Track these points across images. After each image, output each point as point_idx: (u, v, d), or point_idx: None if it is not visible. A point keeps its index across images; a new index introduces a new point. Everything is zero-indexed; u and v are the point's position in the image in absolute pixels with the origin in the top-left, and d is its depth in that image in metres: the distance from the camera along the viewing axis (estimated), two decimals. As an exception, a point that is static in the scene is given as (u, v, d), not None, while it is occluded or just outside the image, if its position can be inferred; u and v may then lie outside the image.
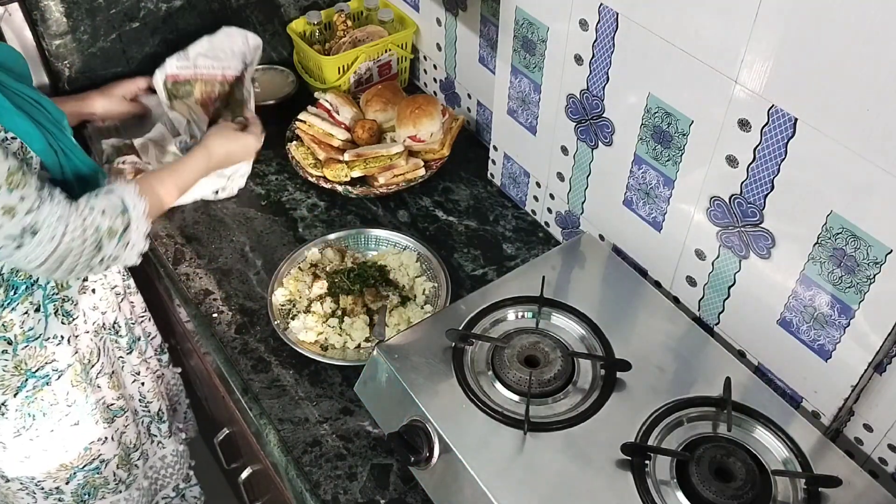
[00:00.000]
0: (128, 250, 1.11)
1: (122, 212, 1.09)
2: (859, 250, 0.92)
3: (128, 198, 1.11)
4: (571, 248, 1.32)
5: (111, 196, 1.10)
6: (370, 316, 1.28)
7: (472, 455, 1.00)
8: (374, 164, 1.49)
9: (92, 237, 1.05)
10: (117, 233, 1.08)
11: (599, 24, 1.12)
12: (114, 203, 1.09)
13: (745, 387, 1.08)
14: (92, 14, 1.53)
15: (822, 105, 0.89)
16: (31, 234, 1.00)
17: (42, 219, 1.00)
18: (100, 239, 1.06)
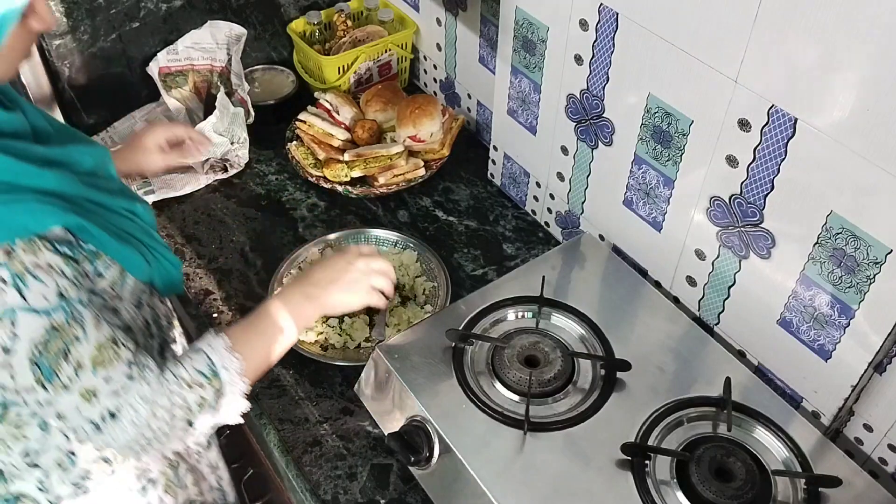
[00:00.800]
0: (223, 415, 0.96)
1: (212, 376, 0.94)
2: (859, 250, 0.92)
3: (216, 356, 0.95)
4: (571, 248, 1.32)
5: (197, 359, 0.94)
6: (370, 316, 1.28)
7: (472, 455, 1.00)
8: (374, 164, 1.49)
9: (181, 416, 0.91)
10: (208, 403, 0.93)
11: (599, 24, 1.12)
12: (200, 368, 0.94)
13: (745, 387, 1.08)
14: (92, 14, 1.53)
15: (822, 105, 0.89)
16: (112, 419, 0.87)
17: (125, 400, 0.87)
18: (189, 417, 0.92)
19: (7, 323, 0.79)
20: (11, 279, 0.78)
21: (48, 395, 0.85)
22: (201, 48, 1.65)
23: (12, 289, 0.79)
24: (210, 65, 1.67)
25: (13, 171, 0.81)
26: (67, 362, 0.84)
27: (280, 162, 1.61)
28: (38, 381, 0.83)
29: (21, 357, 0.81)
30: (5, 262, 0.78)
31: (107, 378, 0.87)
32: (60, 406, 0.86)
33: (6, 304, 0.79)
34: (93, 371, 0.86)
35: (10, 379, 0.83)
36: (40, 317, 0.81)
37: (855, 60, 0.83)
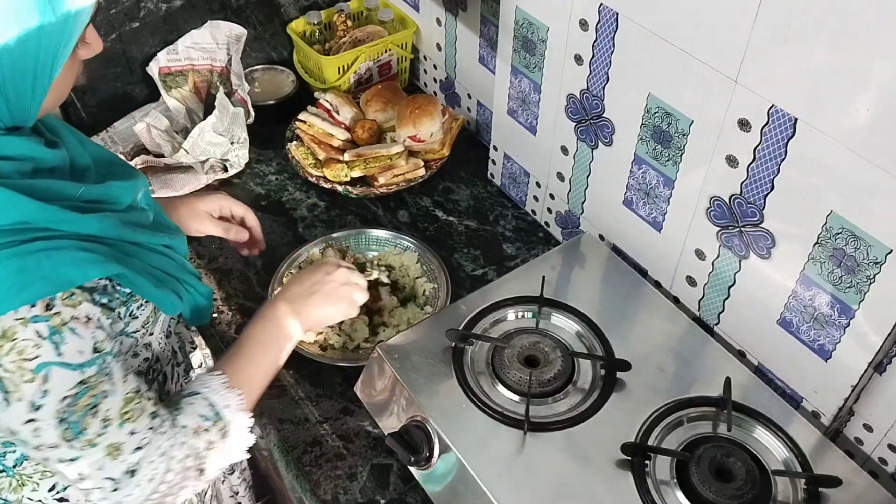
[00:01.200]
0: (232, 454, 0.95)
1: (215, 419, 0.93)
2: (859, 250, 0.92)
3: (216, 398, 0.94)
4: (571, 248, 1.32)
5: (197, 404, 0.93)
6: (370, 317, 1.28)
7: (472, 455, 1.00)
8: (374, 164, 1.49)
9: (193, 465, 0.90)
10: (215, 446, 0.92)
11: (599, 24, 1.12)
12: (202, 413, 0.92)
13: (745, 387, 1.08)
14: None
15: (822, 105, 0.89)
16: (131, 475, 0.85)
17: (146, 455, 0.86)
18: (200, 465, 0.91)
19: (39, 379, 0.77)
20: (49, 334, 0.76)
21: (74, 452, 0.81)
22: (201, 48, 1.65)
23: (49, 343, 0.76)
24: (210, 65, 1.67)
25: (56, 218, 0.79)
26: (95, 418, 0.82)
27: (280, 162, 1.61)
28: (66, 438, 0.80)
29: (48, 413, 0.78)
30: (46, 315, 0.76)
31: (132, 432, 0.85)
32: (83, 464, 0.83)
33: (40, 359, 0.76)
34: (119, 425, 0.84)
35: (35, 436, 0.80)
36: (73, 371, 0.79)
37: (855, 60, 0.83)
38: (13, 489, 0.93)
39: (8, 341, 0.75)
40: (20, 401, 0.77)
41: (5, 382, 0.76)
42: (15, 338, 0.75)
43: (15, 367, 0.75)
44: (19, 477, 0.93)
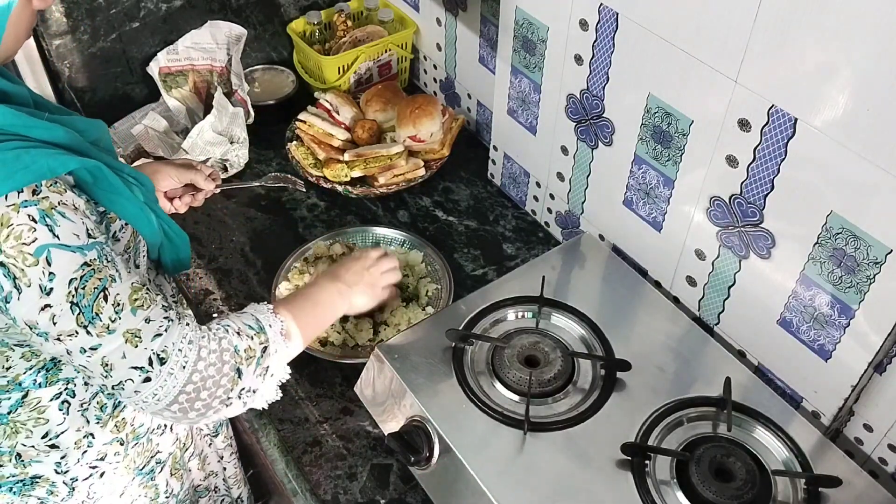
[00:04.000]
0: (266, 381, 0.97)
1: (259, 331, 0.96)
2: (859, 250, 0.92)
3: (261, 316, 0.98)
4: (571, 248, 1.32)
5: (243, 315, 0.98)
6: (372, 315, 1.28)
7: (472, 455, 1.00)
8: (374, 164, 1.49)
9: (230, 362, 0.91)
10: (255, 355, 0.94)
11: (599, 24, 1.12)
12: (247, 321, 0.96)
13: (745, 387, 1.08)
14: (92, 14, 1.53)
15: (822, 105, 0.89)
16: (160, 363, 0.87)
17: (171, 343, 0.87)
18: (238, 364, 0.92)
19: (42, 261, 0.79)
20: (41, 217, 0.78)
21: (92, 339, 0.83)
22: (201, 48, 1.66)
23: (42, 226, 0.78)
24: (210, 65, 1.67)
25: (25, 123, 0.82)
26: (107, 302, 0.83)
27: (280, 162, 1.61)
28: (81, 324, 0.82)
29: (60, 297, 0.80)
30: (35, 200, 0.78)
31: (148, 319, 0.87)
32: (106, 352, 0.84)
33: (39, 241, 0.78)
34: (132, 312, 0.85)
35: (52, 324, 0.81)
36: (74, 253, 0.81)
37: (855, 60, 0.83)
38: (7, 436, 0.96)
39: (4, 228, 0.77)
40: (29, 286, 0.79)
41: (11, 269, 0.78)
42: (10, 224, 0.77)
43: (16, 253, 0.78)
44: (13, 424, 0.95)
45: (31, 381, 0.93)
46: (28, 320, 0.81)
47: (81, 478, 1.03)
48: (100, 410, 1.00)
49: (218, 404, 0.92)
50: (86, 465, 1.02)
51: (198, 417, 0.92)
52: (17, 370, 0.91)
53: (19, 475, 0.99)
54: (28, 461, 0.98)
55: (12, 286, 0.79)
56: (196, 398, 0.90)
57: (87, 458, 1.02)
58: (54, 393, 0.95)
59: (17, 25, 0.85)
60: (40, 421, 0.95)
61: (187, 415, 0.91)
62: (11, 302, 0.80)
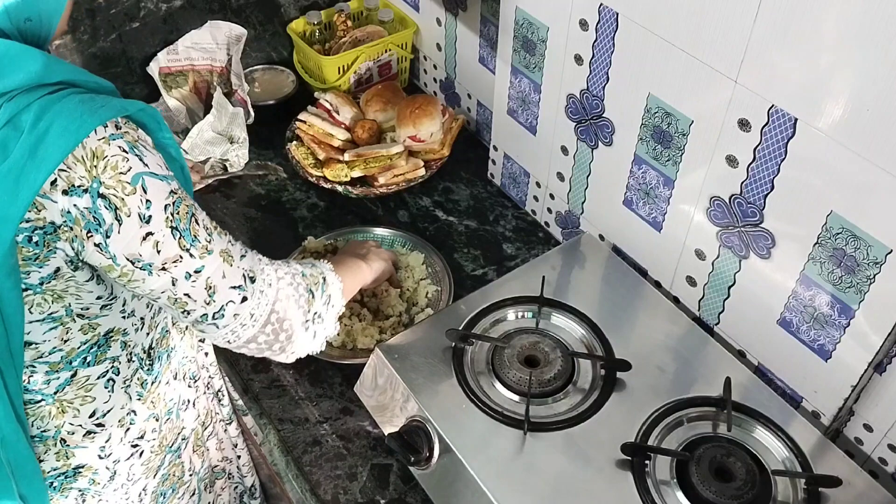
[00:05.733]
0: (329, 310, 1.04)
1: (312, 265, 1.05)
2: (859, 250, 0.92)
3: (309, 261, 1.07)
4: (571, 248, 1.32)
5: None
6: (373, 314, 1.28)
7: (472, 455, 1.00)
8: (374, 164, 1.49)
9: (302, 283, 0.99)
10: (319, 281, 1.02)
11: (599, 24, 1.12)
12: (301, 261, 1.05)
13: (745, 387, 1.08)
14: (92, 14, 1.53)
15: (822, 105, 0.89)
16: (251, 281, 0.93)
17: (255, 263, 0.94)
18: (309, 285, 1.00)
19: (139, 189, 0.82)
20: (130, 148, 0.82)
21: (195, 261, 0.87)
22: (201, 48, 1.66)
23: (133, 156, 0.82)
24: (210, 65, 1.67)
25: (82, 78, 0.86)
26: (199, 225, 0.88)
27: (280, 162, 1.61)
28: (184, 247, 0.86)
29: (160, 223, 0.84)
30: (120, 133, 0.82)
31: (231, 242, 0.93)
32: (210, 272, 0.89)
33: (133, 170, 0.81)
34: (219, 234, 0.91)
35: (157, 252, 0.84)
36: (162, 181, 0.84)
37: (855, 60, 0.83)
38: (54, 417, 0.96)
39: (101, 160, 0.80)
40: (129, 216, 0.82)
41: (112, 200, 0.80)
42: (105, 156, 0.80)
43: (115, 182, 0.80)
44: (59, 404, 0.95)
45: (80, 361, 0.93)
46: (130, 253, 0.83)
47: (123, 458, 1.04)
48: (140, 387, 1.02)
49: (299, 326, 0.99)
50: (128, 443, 1.04)
51: (286, 342, 0.98)
52: (74, 344, 0.92)
53: (61, 467, 0.99)
54: (73, 447, 0.98)
55: (113, 217, 0.81)
56: (284, 318, 0.96)
57: (129, 436, 1.03)
58: (102, 371, 0.96)
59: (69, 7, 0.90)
60: (87, 399, 0.97)
61: (278, 338, 0.97)
62: (112, 236, 0.82)
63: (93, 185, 0.79)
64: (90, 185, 0.79)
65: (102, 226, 0.81)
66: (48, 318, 0.87)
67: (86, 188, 0.79)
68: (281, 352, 1.00)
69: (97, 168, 0.79)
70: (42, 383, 0.92)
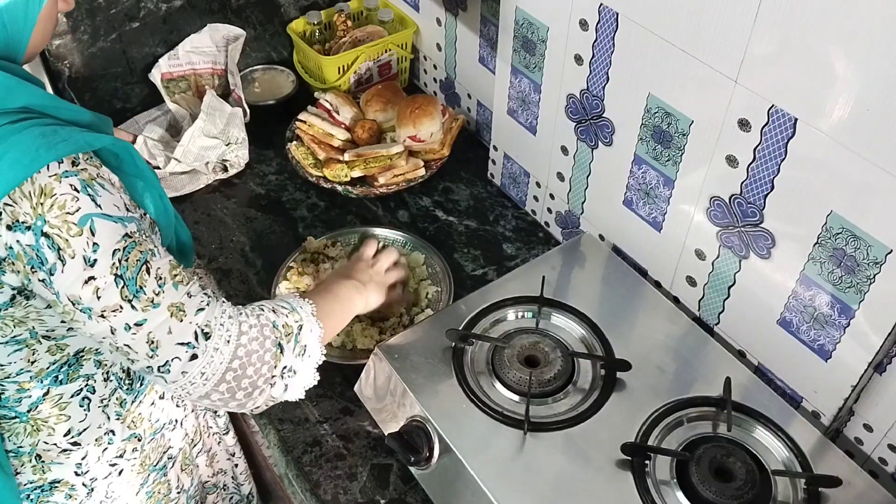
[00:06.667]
0: (305, 361, 0.96)
1: (292, 310, 0.97)
2: (859, 250, 0.92)
3: (291, 300, 1.00)
4: (571, 248, 1.32)
5: (273, 300, 1.00)
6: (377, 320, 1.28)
7: (472, 455, 1.00)
8: (374, 164, 1.49)
9: (270, 337, 0.92)
10: (293, 332, 0.95)
11: (599, 24, 1.12)
12: (278, 303, 0.98)
13: (745, 387, 1.08)
14: (92, 14, 1.53)
15: (822, 105, 0.89)
16: (205, 338, 0.86)
17: (214, 318, 0.88)
18: (279, 339, 0.93)
19: (86, 231, 0.79)
20: (83, 187, 0.79)
21: (137, 314, 0.83)
22: (202, 52, 1.65)
23: (85, 196, 0.79)
24: (211, 68, 1.67)
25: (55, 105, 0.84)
26: (150, 275, 0.83)
27: (280, 162, 1.61)
28: (125, 298, 0.82)
29: (104, 269, 0.80)
30: (75, 170, 0.79)
31: (189, 294, 0.87)
32: (152, 327, 0.84)
33: (82, 210, 0.78)
34: (174, 286, 0.85)
35: (97, 298, 0.81)
36: (116, 224, 0.81)
37: (855, 60, 0.83)
38: (28, 434, 0.95)
39: (48, 197, 0.77)
40: (73, 258, 0.79)
41: (56, 240, 0.78)
42: (54, 193, 0.77)
43: (60, 222, 0.78)
44: (34, 421, 0.94)
45: (52, 379, 0.92)
46: (71, 295, 0.80)
47: (101, 477, 1.03)
48: (119, 406, 1.01)
49: (263, 383, 0.91)
50: (105, 462, 1.02)
51: (245, 399, 0.91)
52: (42, 364, 0.90)
53: (37, 481, 0.98)
54: (48, 463, 0.98)
55: (56, 258, 0.78)
56: (243, 376, 0.89)
57: (107, 455, 1.02)
58: (75, 389, 0.95)
59: (46, 22, 0.86)
60: (62, 417, 0.95)
61: (234, 395, 0.90)
62: (55, 274, 0.79)
63: (36, 223, 0.77)
64: (34, 223, 0.77)
65: (45, 264, 0.79)
66: (12, 340, 0.86)
67: (29, 225, 0.77)
68: (241, 408, 0.94)
69: (43, 206, 0.77)
70: (14, 401, 0.92)
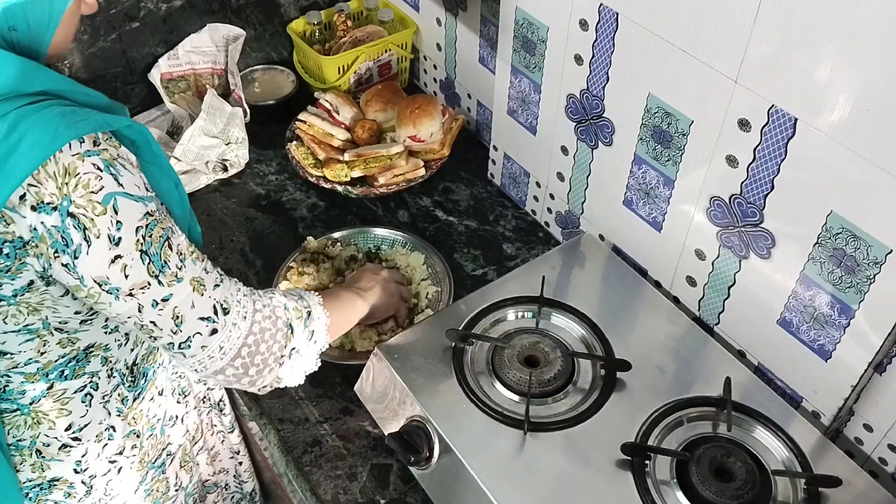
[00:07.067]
0: (311, 346, 1.00)
1: (300, 297, 1.00)
2: (859, 250, 0.92)
3: (299, 290, 1.03)
4: (571, 248, 1.32)
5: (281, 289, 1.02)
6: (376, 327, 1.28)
7: (472, 455, 1.00)
8: (374, 164, 1.49)
9: (282, 317, 0.95)
10: (302, 315, 0.98)
11: (599, 24, 1.12)
12: (288, 291, 1.02)
13: (745, 387, 1.08)
14: (92, 14, 1.52)
15: (822, 105, 0.89)
16: (224, 313, 0.89)
17: (230, 294, 0.91)
18: (290, 320, 0.96)
19: (110, 210, 0.79)
20: (105, 166, 0.79)
21: (164, 289, 0.84)
22: (201, 52, 1.65)
23: (108, 175, 0.79)
24: (211, 68, 1.67)
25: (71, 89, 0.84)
26: (172, 251, 0.85)
27: (280, 162, 1.61)
28: (152, 273, 0.83)
29: (129, 246, 0.81)
30: (96, 150, 0.79)
31: (206, 270, 0.89)
32: (178, 301, 0.85)
33: (105, 189, 0.79)
34: (193, 261, 0.87)
35: (124, 277, 0.81)
36: (137, 202, 0.81)
37: (855, 60, 0.83)
38: (29, 427, 0.95)
39: (72, 177, 0.77)
40: (98, 238, 0.79)
41: (82, 220, 0.78)
42: (77, 173, 0.77)
43: (86, 202, 0.78)
44: (35, 414, 0.94)
45: (57, 374, 0.92)
46: (98, 276, 0.81)
47: (100, 474, 1.03)
48: (121, 403, 1.01)
49: (273, 361, 0.95)
50: (105, 459, 1.02)
51: (256, 376, 0.94)
52: (51, 357, 0.90)
53: (37, 479, 0.98)
54: (48, 459, 0.98)
55: (82, 238, 0.78)
56: (256, 352, 0.92)
57: (107, 451, 1.02)
58: (79, 385, 0.95)
59: (68, 23, 0.87)
60: (63, 412, 0.95)
61: (248, 371, 0.93)
62: (80, 257, 0.79)
63: (62, 203, 0.77)
64: (60, 203, 0.77)
65: (70, 246, 0.79)
66: (24, 329, 0.86)
67: (55, 206, 0.77)
68: (251, 385, 0.96)
69: (68, 186, 0.77)
70: (17, 393, 0.91)
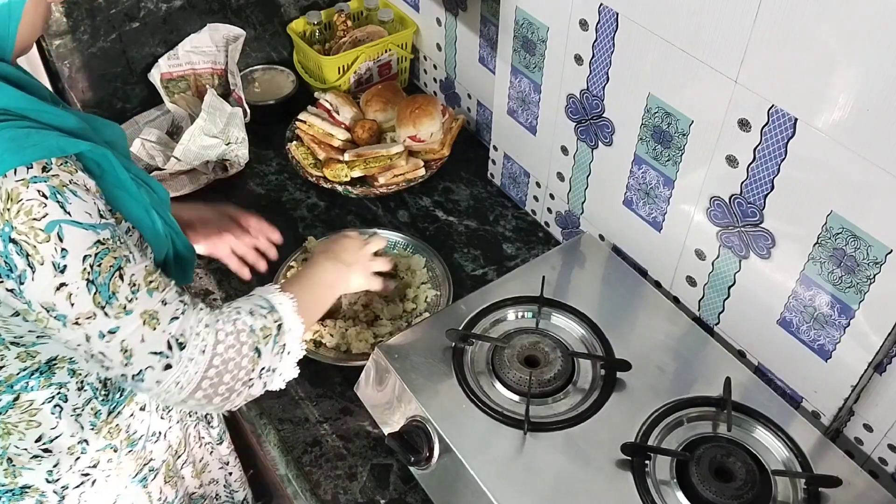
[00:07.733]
0: (284, 359, 0.96)
1: (271, 309, 0.95)
2: (859, 250, 0.92)
3: (270, 296, 0.98)
4: (571, 248, 1.32)
5: (252, 297, 0.98)
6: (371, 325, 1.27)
7: (472, 455, 1.00)
8: (374, 164, 1.49)
9: (248, 342, 0.91)
10: (271, 333, 0.93)
11: (599, 24, 1.12)
12: (257, 302, 0.96)
13: (745, 387, 1.08)
14: (92, 14, 1.53)
15: (822, 105, 0.89)
16: (179, 348, 0.85)
17: (189, 327, 0.86)
18: (256, 343, 0.92)
19: (54, 237, 0.77)
20: (51, 193, 0.77)
21: (110, 321, 0.81)
22: (201, 52, 1.66)
23: (53, 202, 0.77)
24: (211, 68, 1.67)
25: (35, 108, 0.81)
26: (123, 282, 0.81)
27: (280, 162, 1.61)
28: (98, 304, 0.80)
29: (76, 275, 0.78)
30: (44, 176, 0.76)
31: (164, 301, 0.85)
32: (125, 335, 0.82)
33: (49, 217, 0.76)
34: (148, 293, 0.83)
35: (70, 305, 0.79)
36: (86, 231, 0.79)
37: (855, 60, 0.83)
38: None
39: (14, 203, 0.75)
40: (42, 264, 0.77)
41: (23, 246, 0.76)
42: (20, 199, 0.75)
43: (27, 229, 0.76)
44: (4, 426, 0.93)
45: (22, 385, 0.91)
46: (44, 302, 0.79)
47: (72, 486, 1.01)
48: (94, 416, 0.99)
49: (241, 386, 0.91)
50: (78, 472, 1.01)
51: (223, 402, 0.91)
52: (11, 370, 0.89)
53: (9, 485, 0.98)
54: (20, 467, 0.97)
55: (25, 264, 0.77)
56: (219, 382, 0.89)
57: (79, 464, 1.00)
58: (47, 396, 0.93)
59: (34, 17, 0.85)
60: (32, 423, 0.94)
61: (212, 401, 0.90)
62: (26, 282, 0.78)
63: (4, 229, 0.75)
64: (1, 230, 0.75)
65: (14, 271, 0.77)
66: None
67: None
68: (221, 409, 0.94)
69: (10, 212, 0.75)
70: None
